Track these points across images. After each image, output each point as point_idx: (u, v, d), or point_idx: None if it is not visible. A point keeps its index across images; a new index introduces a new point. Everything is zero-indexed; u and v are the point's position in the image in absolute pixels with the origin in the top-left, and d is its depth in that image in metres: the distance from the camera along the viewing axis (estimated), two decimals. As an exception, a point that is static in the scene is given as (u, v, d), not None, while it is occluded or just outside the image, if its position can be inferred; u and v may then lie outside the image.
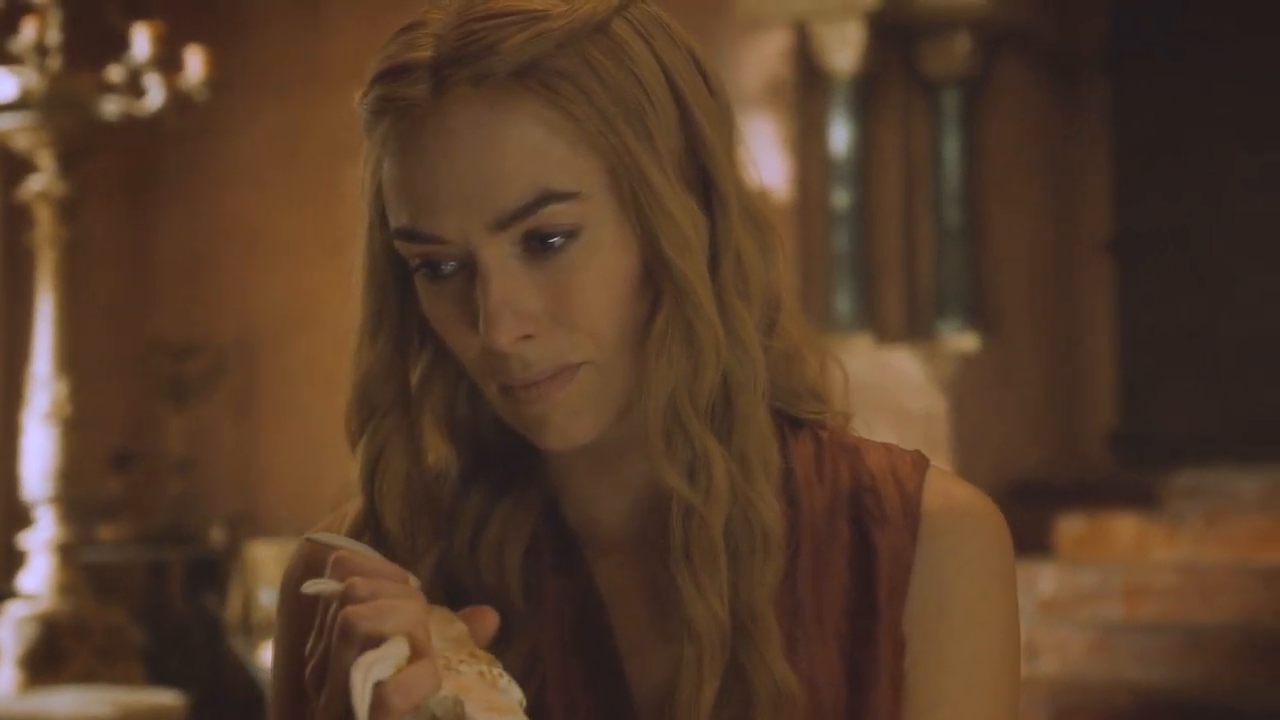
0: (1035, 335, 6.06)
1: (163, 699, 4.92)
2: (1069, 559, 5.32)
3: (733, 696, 0.89)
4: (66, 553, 5.44)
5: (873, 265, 5.69)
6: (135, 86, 5.29)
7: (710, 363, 0.89)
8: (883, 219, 5.72)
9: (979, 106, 5.80)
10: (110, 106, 5.30)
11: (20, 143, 5.40)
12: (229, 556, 6.54)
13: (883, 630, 0.91)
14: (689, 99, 0.90)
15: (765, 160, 0.95)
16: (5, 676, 5.15)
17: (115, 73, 5.28)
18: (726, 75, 0.96)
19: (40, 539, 5.43)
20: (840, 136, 5.66)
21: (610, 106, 0.87)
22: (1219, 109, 6.12)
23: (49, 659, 5.19)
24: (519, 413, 0.89)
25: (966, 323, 5.72)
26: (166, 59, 5.31)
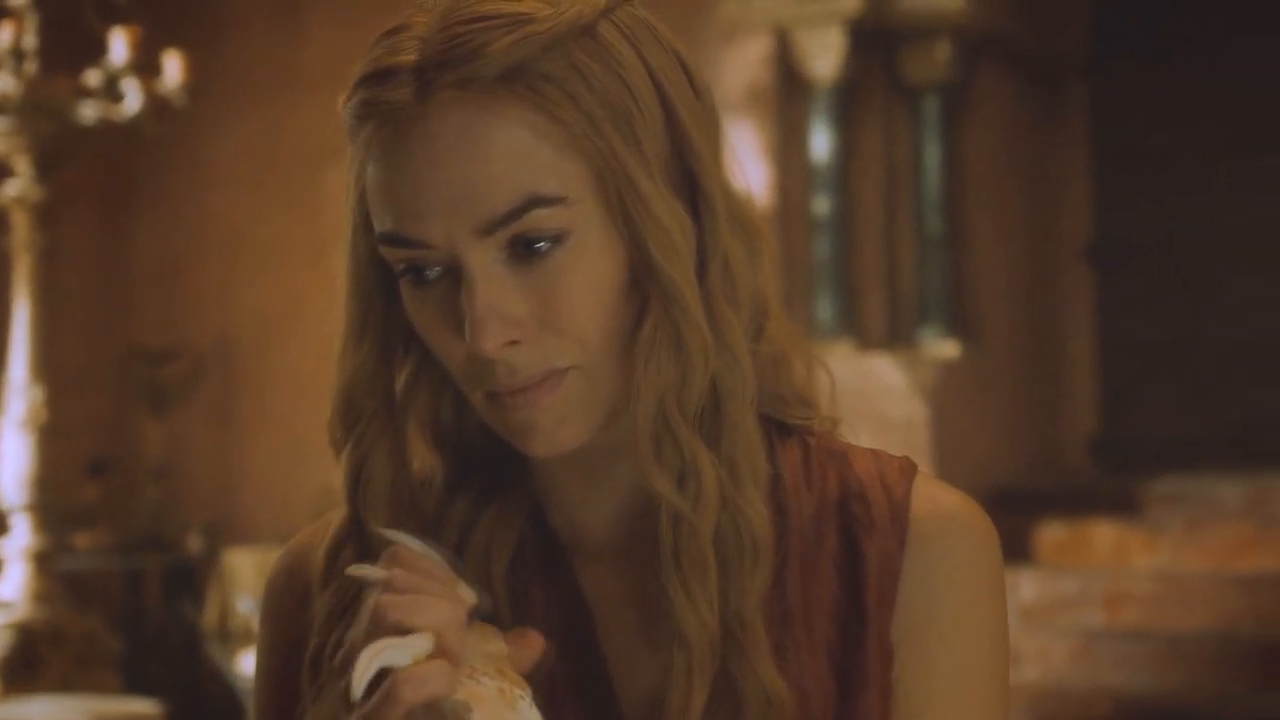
0: (1016, 342, 6.07)
1: (140, 707, 4.90)
2: (1050, 566, 5.33)
3: (722, 705, 0.88)
4: (42, 560, 5.41)
5: (853, 272, 5.69)
6: (113, 91, 5.27)
7: (699, 369, 0.89)
8: (863, 226, 5.73)
9: (959, 113, 5.82)
10: (88, 111, 5.28)
11: (-3, 148, 5.38)
12: (206, 564, 6.52)
13: (871, 637, 0.91)
14: (675, 102, 0.90)
15: (746, 167, 0.96)
16: (-19, 685, 5.12)
17: (93, 77, 5.27)
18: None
19: (16, 547, 5.41)
20: (821, 143, 5.66)
21: (597, 110, 0.87)
22: (1198, 115, 6.15)
23: (25, 667, 5.17)
24: (505, 419, 0.89)
25: (947, 330, 5.73)
26: (144, 64, 5.30)
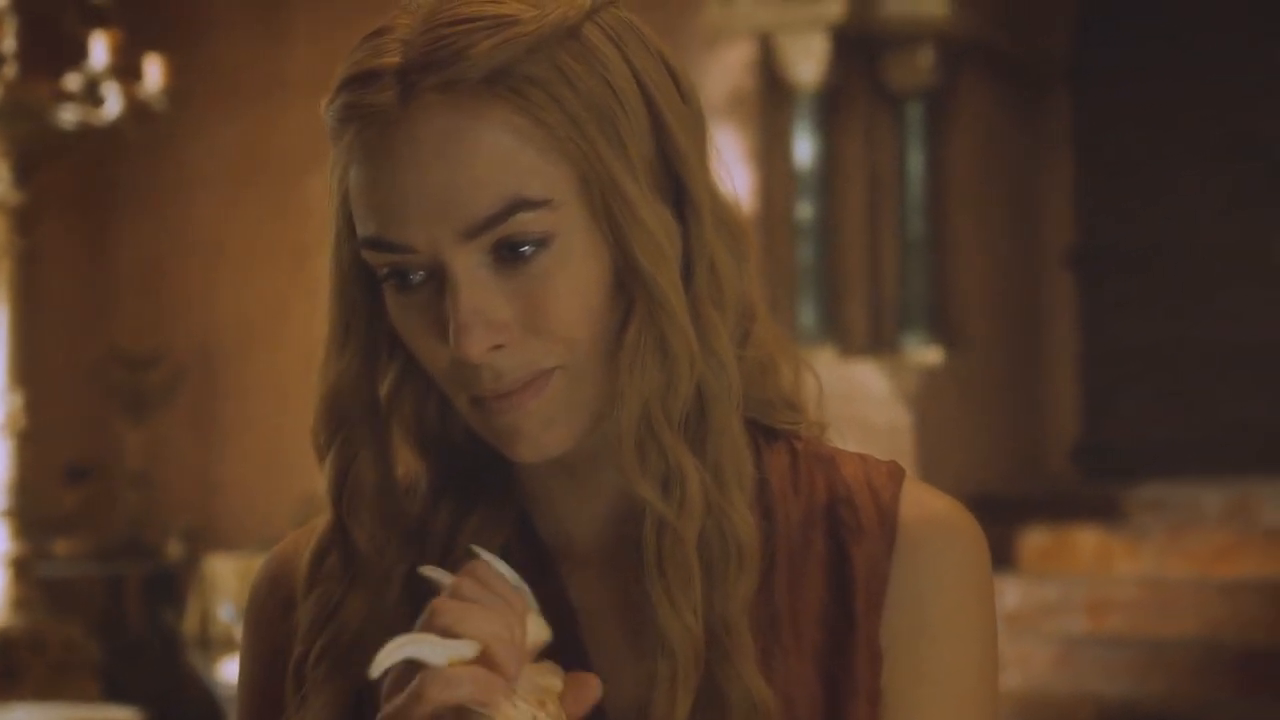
0: (999, 348, 6.09)
1: (119, 715, 4.87)
2: (1032, 572, 5.33)
3: (707, 712, 0.87)
4: (21, 567, 5.39)
5: (836, 278, 5.70)
6: (93, 95, 5.26)
7: (684, 374, 0.88)
8: (847, 232, 5.74)
9: (943, 119, 5.83)
10: (67, 115, 5.26)
11: (-25, 152, 5.36)
12: (187, 571, 6.50)
13: (859, 643, 0.90)
14: (661, 105, 0.89)
15: (729, 172, 0.96)
16: (-41, 693, 5.09)
17: (73, 81, 5.25)
18: (690, 87, 0.94)
19: (-5, 553, 5.38)
20: (804, 149, 5.67)
21: (582, 113, 0.86)
22: (1181, 122, 6.18)
23: (3, 675, 5.14)
24: (490, 424, 0.88)
25: (930, 336, 5.74)
26: (125, 67, 5.28)
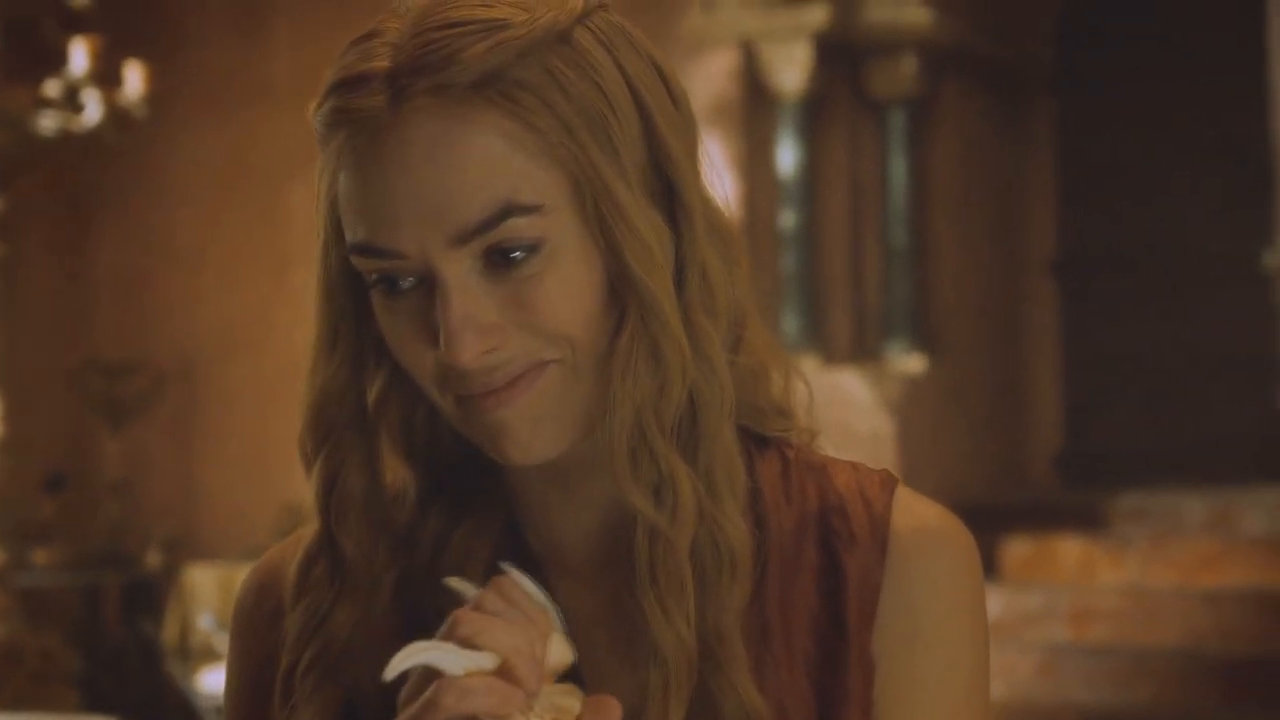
0: (981, 356, 6.10)
1: (98, 725, 4.84)
2: (1015, 581, 5.34)
3: (700, 722, 0.86)
4: (-1, 576, 5.35)
5: (820, 286, 5.71)
6: (73, 102, 5.24)
7: (676, 381, 0.87)
8: (830, 239, 5.75)
9: (925, 127, 5.85)
10: (47, 122, 5.25)
11: (-46, 159, 5.33)
12: (166, 580, 6.47)
13: (852, 653, 0.90)
14: (653, 110, 0.89)
15: (718, 178, 0.95)
16: (-64, 703, 5.06)
17: (52, 88, 5.24)
18: (674, 94, 0.94)
19: (-28, 563, 5.35)
20: (787, 157, 5.68)
21: (573, 118, 0.85)
22: (1164, 130, 6.20)
23: (-19, 685, 5.11)
24: (477, 422, 0.87)
25: (913, 344, 5.75)
26: (105, 74, 5.27)
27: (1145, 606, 5.01)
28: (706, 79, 5.69)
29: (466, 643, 0.78)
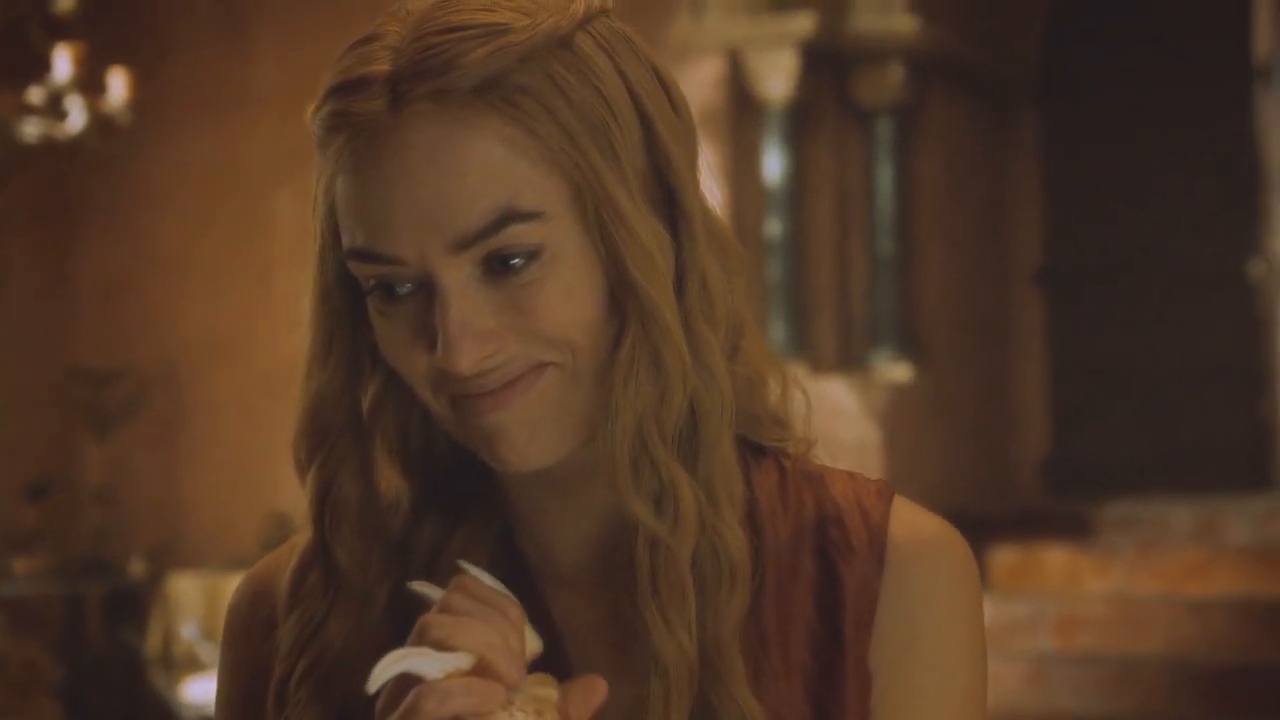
0: (968, 365, 6.11)
1: (81, 735, 4.81)
2: (1002, 590, 5.34)
3: (700, 734, 0.86)
4: (-19, 585, 5.33)
5: (806, 294, 5.71)
6: (56, 109, 5.23)
7: (677, 389, 0.87)
8: (816, 248, 5.75)
9: (912, 136, 5.86)
10: (30, 129, 5.23)
11: (-63, 165, 5.32)
12: (149, 589, 6.44)
13: (849, 663, 0.90)
14: (654, 116, 0.88)
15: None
16: (-83, 713, 5.03)
17: (35, 94, 5.22)
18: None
19: (-46, 571, 5.32)
20: (773, 165, 5.68)
21: (574, 124, 0.85)
22: (1149, 140, 6.22)
23: (-37, 695, 5.08)
24: (472, 425, 0.86)
25: (899, 353, 5.75)
26: (88, 81, 5.25)
27: (1132, 615, 5.02)
28: (693, 87, 5.69)
29: (441, 645, 0.78)
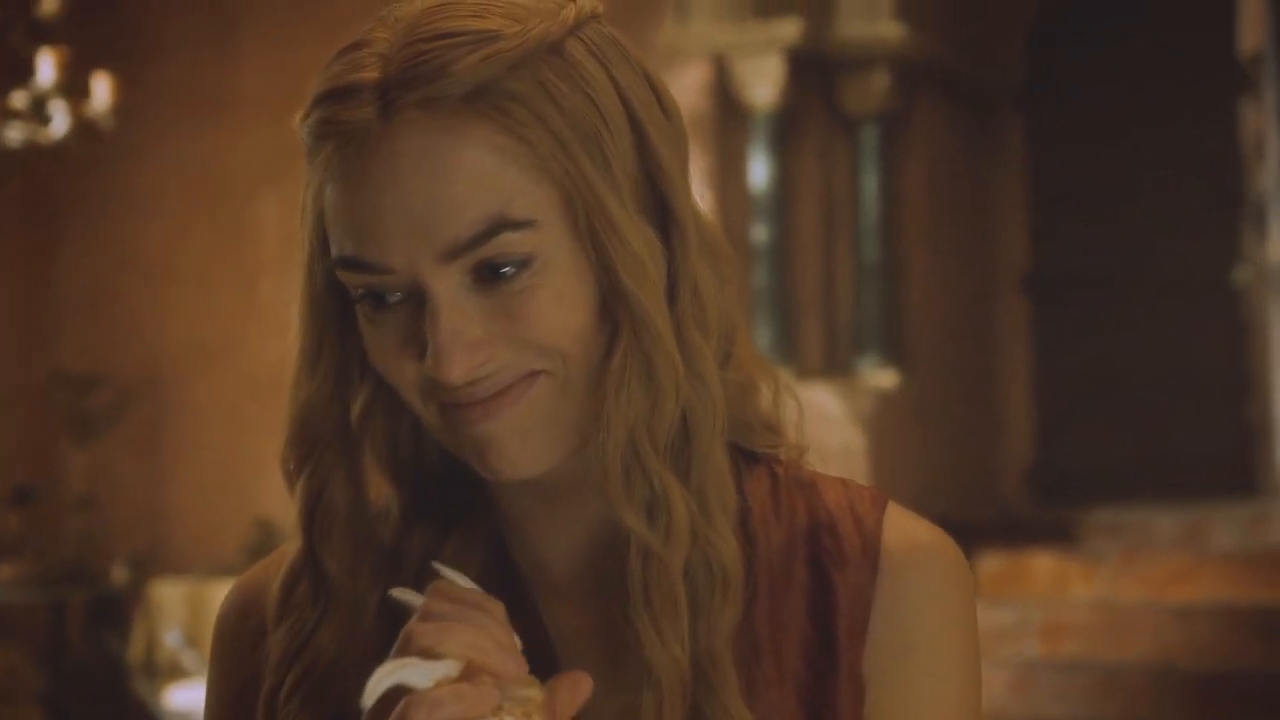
0: (953, 372, 6.12)
1: (64, 743, 4.79)
2: (987, 596, 5.35)
3: (693, 745, 0.85)
4: (-37, 592, 5.30)
5: (791, 301, 5.72)
6: (40, 113, 5.21)
7: (670, 398, 0.86)
8: (801, 254, 5.76)
9: (897, 142, 5.86)
10: (13, 133, 5.21)
11: (-81, 170, 5.29)
12: (132, 596, 6.42)
13: (842, 672, 0.89)
14: (645, 122, 0.88)
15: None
16: (-102, 721, 5.00)
17: (19, 99, 5.20)
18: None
19: (-64, 578, 5.29)
20: (759, 171, 5.69)
21: (565, 131, 0.84)
22: (1135, 146, 6.24)
23: (-56, 702, 5.05)
24: (463, 434, 0.85)
25: (885, 359, 5.76)
26: (72, 85, 5.23)
27: (1117, 621, 5.03)
28: (678, 93, 5.60)
29: (428, 654, 0.78)
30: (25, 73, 5.21)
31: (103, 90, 5.27)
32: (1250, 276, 5.83)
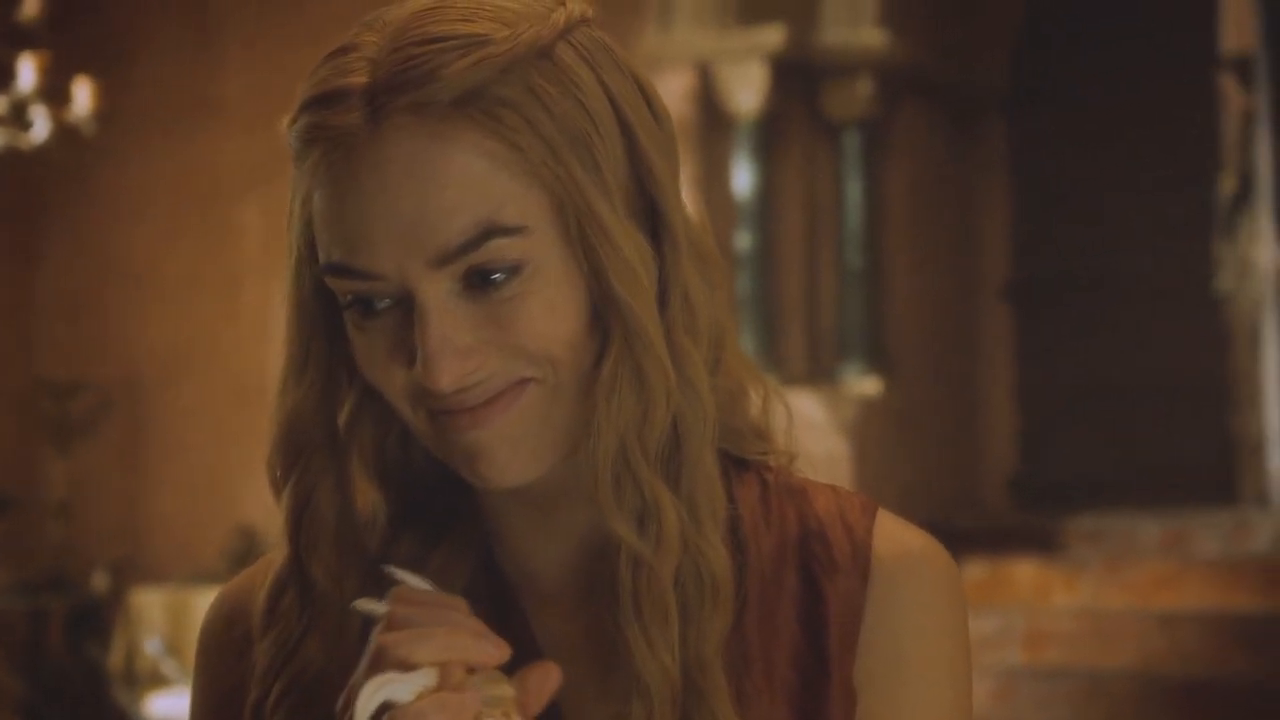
0: (936, 379, 6.13)
1: (43, 752, 4.76)
2: (970, 604, 5.30)
3: (683, 756, 0.85)
4: (-58, 600, 5.27)
5: (775, 307, 5.72)
6: (20, 118, 5.19)
7: (660, 405, 0.86)
8: (785, 261, 5.77)
9: (881, 149, 5.88)
10: (-6, 139, 5.19)
11: (-100, 175, 5.27)
12: (112, 604, 6.39)
13: (833, 682, 0.89)
14: (636, 127, 0.87)
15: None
16: (-124, 730, 4.97)
17: None
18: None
19: (-85, 586, 5.26)
20: (743, 178, 5.69)
21: (556, 136, 0.84)
22: (1118, 155, 6.25)
23: (-77, 711, 5.02)
24: (452, 442, 0.85)
25: (868, 366, 5.77)
26: (53, 90, 5.22)
27: (1100, 629, 5.03)
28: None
29: (404, 664, 0.77)
30: (6, 78, 5.20)
31: (84, 95, 5.26)
32: (1232, 283, 5.85)
